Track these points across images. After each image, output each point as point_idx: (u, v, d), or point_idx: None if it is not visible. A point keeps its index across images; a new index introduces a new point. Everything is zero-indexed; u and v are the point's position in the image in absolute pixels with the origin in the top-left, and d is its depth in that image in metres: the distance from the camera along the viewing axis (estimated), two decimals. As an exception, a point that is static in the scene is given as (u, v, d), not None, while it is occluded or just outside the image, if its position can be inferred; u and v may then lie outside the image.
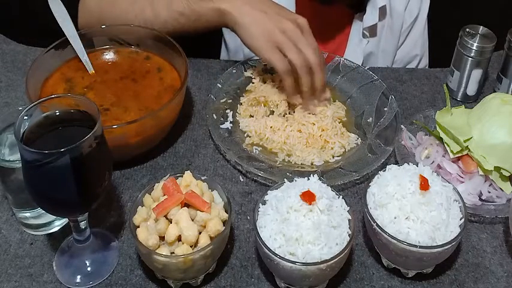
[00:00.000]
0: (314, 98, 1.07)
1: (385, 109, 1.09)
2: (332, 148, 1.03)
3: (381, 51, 1.35)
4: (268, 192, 0.84)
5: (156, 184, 0.84)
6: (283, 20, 1.03)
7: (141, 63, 1.09)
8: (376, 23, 1.29)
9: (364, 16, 1.29)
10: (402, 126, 1.04)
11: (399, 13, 1.32)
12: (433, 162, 0.98)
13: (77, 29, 1.08)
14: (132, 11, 1.12)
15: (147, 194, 0.84)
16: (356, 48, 1.32)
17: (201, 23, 1.09)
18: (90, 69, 1.07)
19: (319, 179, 0.83)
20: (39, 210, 0.87)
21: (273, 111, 1.09)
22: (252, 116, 1.09)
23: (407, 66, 1.40)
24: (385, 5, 1.28)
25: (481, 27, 1.11)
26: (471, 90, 1.16)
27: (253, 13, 1.04)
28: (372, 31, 1.31)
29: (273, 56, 1.02)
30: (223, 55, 1.35)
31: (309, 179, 0.83)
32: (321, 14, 1.29)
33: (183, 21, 1.09)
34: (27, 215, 0.88)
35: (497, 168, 0.94)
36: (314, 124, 1.04)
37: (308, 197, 0.78)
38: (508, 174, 0.94)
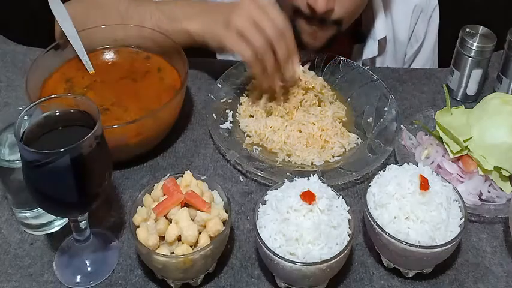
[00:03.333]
0: (284, 72, 1.04)
1: (385, 109, 1.09)
2: (332, 148, 1.03)
3: None
4: (268, 192, 0.84)
5: (156, 184, 0.84)
6: (238, 4, 1.00)
7: (141, 63, 1.09)
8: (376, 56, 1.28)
9: (364, 48, 1.28)
10: (402, 126, 1.04)
11: (403, 41, 1.30)
12: (433, 162, 0.98)
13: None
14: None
15: (147, 194, 0.84)
16: None
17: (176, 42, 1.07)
18: (90, 69, 1.07)
19: (319, 179, 0.83)
20: (39, 210, 0.87)
21: (272, 112, 1.09)
22: (252, 116, 1.09)
23: None
24: (385, 37, 1.26)
25: (481, 27, 1.11)
26: (471, 90, 1.16)
27: (215, 19, 1.02)
28: (372, 63, 1.30)
29: (236, 46, 0.99)
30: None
31: (309, 179, 0.83)
32: None
33: (160, 41, 1.08)
34: (27, 215, 0.88)
35: (497, 168, 0.94)
36: (314, 124, 1.04)
37: (308, 197, 0.78)
38: (508, 174, 0.94)
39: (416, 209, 0.80)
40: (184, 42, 1.06)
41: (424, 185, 0.81)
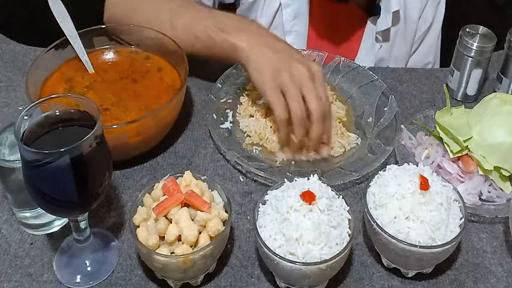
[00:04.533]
0: (309, 151, 1.01)
1: (385, 109, 1.09)
2: (332, 148, 1.03)
3: (393, 57, 1.34)
4: (268, 192, 0.84)
5: (156, 184, 0.84)
6: (295, 63, 0.97)
7: (141, 63, 1.09)
8: (389, 28, 1.29)
9: (378, 20, 1.28)
10: (402, 126, 1.04)
11: (413, 19, 1.31)
12: (433, 162, 0.98)
13: (102, 24, 1.09)
14: (152, 24, 1.09)
15: (147, 194, 0.84)
16: (368, 52, 1.32)
17: (215, 52, 1.06)
18: (90, 69, 1.07)
19: (319, 179, 0.83)
20: (39, 210, 0.87)
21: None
22: (252, 116, 1.09)
23: None
24: (398, 10, 1.27)
25: (481, 27, 1.11)
26: (471, 90, 1.16)
27: (266, 52, 0.99)
28: (385, 36, 1.31)
29: (275, 100, 0.96)
30: None
31: (309, 179, 0.83)
32: (334, 14, 1.29)
33: (198, 46, 1.07)
34: (27, 215, 0.88)
35: (497, 168, 0.94)
36: (314, 124, 1.04)
37: (308, 197, 0.78)
38: (507, 174, 0.94)
39: (416, 209, 0.80)
40: (226, 55, 1.04)
41: (424, 185, 0.81)
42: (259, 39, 1.02)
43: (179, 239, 0.78)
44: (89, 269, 0.85)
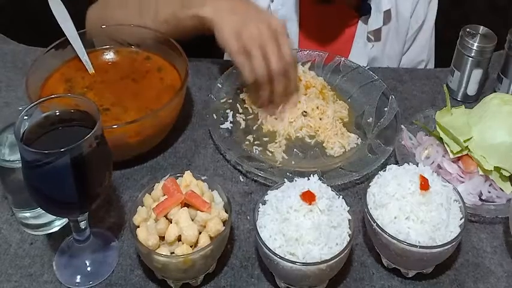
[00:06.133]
0: (277, 105, 1.07)
1: (385, 109, 1.09)
2: (332, 148, 1.03)
3: (386, 56, 1.34)
4: (268, 192, 0.84)
5: (156, 184, 0.84)
6: (253, 23, 1.00)
7: (141, 63, 1.09)
8: (381, 27, 1.29)
9: (369, 19, 1.28)
10: (402, 126, 1.04)
11: (405, 18, 1.31)
12: (433, 162, 0.98)
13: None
14: (121, 16, 1.13)
15: (147, 194, 0.84)
16: (361, 51, 1.32)
17: (183, 28, 1.09)
18: (90, 69, 1.07)
19: (319, 179, 0.83)
20: (39, 210, 0.87)
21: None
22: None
23: None
24: (389, 9, 1.27)
25: (481, 27, 1.11)
26: (471, 90, 1.16)
27: (227, 15, 1.03)
28: (377, 35, 1.31)
29: (241, 64, 1.01)
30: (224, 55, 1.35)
31: (309, 179, 0.83)
32: (325, 15, 1.29)
33: (166, 28, 1.10)
34: (27, 215, 0.88)
35: (497, 168, 0.94)
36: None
37: (308, 197, 0.78)
38: (508, 174, 0.94)
39: (416, 209, 0.80)
40: (195, 28, 1.07)
41: (424, 185, 0.81)
42: (222, 5, 1.05)
43: (179, 239, 0.78)
44: (89, 269, 0.85)
